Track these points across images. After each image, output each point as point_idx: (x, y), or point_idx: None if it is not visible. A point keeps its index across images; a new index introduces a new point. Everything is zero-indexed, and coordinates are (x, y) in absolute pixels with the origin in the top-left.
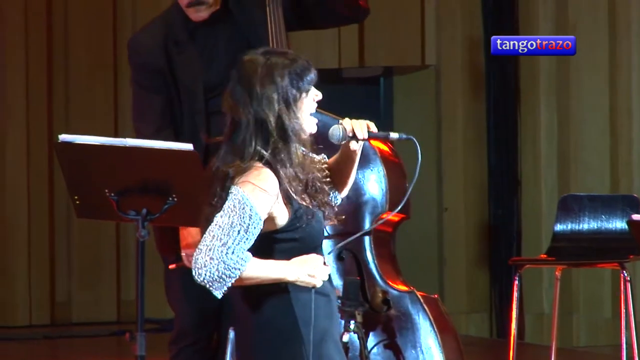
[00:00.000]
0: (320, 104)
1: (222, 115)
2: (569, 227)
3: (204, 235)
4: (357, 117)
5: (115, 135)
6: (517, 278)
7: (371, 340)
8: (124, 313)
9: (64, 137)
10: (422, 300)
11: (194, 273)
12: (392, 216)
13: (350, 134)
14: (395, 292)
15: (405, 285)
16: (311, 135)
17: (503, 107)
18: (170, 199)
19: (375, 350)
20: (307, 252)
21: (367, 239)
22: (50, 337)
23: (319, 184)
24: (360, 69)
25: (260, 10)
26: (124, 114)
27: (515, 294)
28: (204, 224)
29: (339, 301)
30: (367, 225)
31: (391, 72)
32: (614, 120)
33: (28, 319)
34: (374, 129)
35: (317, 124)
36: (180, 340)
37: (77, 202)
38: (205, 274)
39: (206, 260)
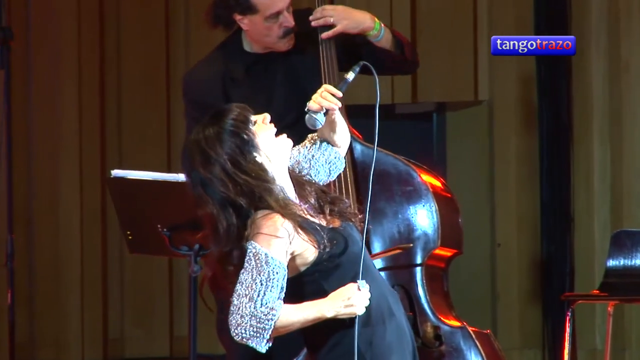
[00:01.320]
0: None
1: None
2: (622, 262)
3: (232, 298)
4: (410, 155)
5: (168, 171)
6: (569, 314)
7: None
8: (176, 349)
9: (116, 172)
10: (474, 336)
11: (232, 335)
12: (445, 251)
13: (324, 111)
14: (447, 327)
15: (458, 321)
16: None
17: (556, 144)
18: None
19: None
20: (353, 271)
21: (419, 274)
22: None
23: (332, 196)
24: (413, 104)
25: (314, 48)
26: (177, 149)
27: (567, 330)
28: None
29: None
30: (418, 259)
31: (444, 108)
32: None
33: (81, 356)
34: (334, 91)
35: (362, 159)
36: None
37: (130, 237)
38: (242, 333)
39: (238, 320)
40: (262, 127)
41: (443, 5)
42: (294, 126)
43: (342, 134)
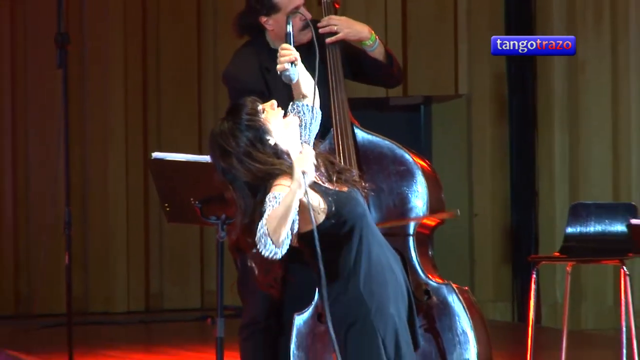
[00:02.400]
0: (372, 128)
1: None
2: (578, 229)
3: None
4: (402, 141)
5: (199, 153)
6: (534, 273)
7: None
8: (206, 301)
9: (156, 154)
10: (456, 291)
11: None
12: (430, 221)
13: (291, 65)
14: (434, 284)
15: (442, 279)
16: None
17: (523, 132)
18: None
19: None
20: (359, 223)
21: (411, 240)
22: (144, 322)
23: (339, 166)
24: (404, 98)
25: (322, 51)
26: (206, 136)
27: (533, 286)
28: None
29: None
30: (411, 229)
31: (430, 101)
32: (615, 142)
33: (127, 307)
34: (286, 46)
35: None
36: (252, 325)
37: (168, 209)
38: (260, 248)
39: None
40: (271, 112)
41: (429, 14)
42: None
43: (306, 80)
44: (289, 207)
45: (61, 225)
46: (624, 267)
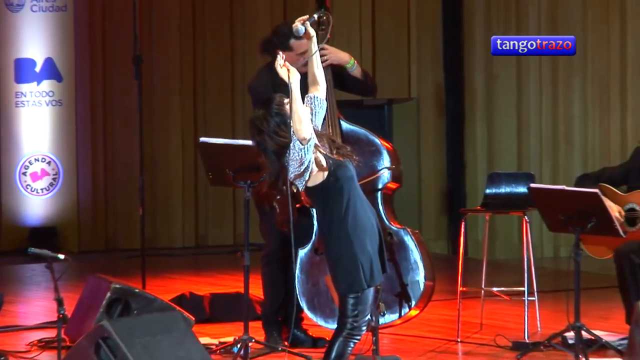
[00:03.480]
0: (351, 121)
1: None
2: (493, 191)
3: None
4: (373, 130)
5: (233, 137)
6: (463, 221)
7: None
8: (237, 240)
9: (203, 139)
10: (410, 233)
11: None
12: (393, 185)
13: (302, 26)
14: (395, 228)
15: (400, 225)
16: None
17: (455, 124)
18: (264, 175)
19: None
20: (349, 183)
21: (379, 197)
22: (195, 254)
23: (335, 140)
24: (374, 100)
25: None
26: (238, 126)
27: (462, 230)
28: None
29: None
30: (379, 188)
31: (392, 102)
32: (519, 130)
33: (182, 243)
34: (300, 18)
35: (346, 131)
36: (269, 256)
37: (210, 176)
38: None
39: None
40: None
41: (390, 41)
42: None
43: (320, 71)
44: (295, 97)
45: (136, 189)
46: (525, 216)
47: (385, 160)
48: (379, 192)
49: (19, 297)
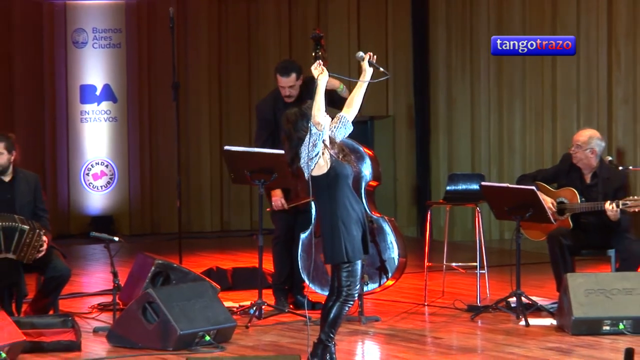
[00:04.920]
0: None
1: None
2: (453, 188)
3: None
4: (358, 140)
5: (249, 146)
6: (429, 211)
7: None
8: (253, 225)
9: (226, 147)
10: (387, 220)
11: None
12: (373, 182)
13: (365, 57)
14: (375, 216)
15: (380, 214)
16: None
17: (422, 134)
18: (274, 175)
19: None
20: (344, 179)
21: (363, 191)
22: (220, 237)
23: (345, 149)
24: (359, 116)
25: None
26: (251, 139)
27: (428, 218)
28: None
29: None
30: (363, 185)
31: (373, 118)
32: (472, 141)
33: (211, 228)
34: (370, 56)
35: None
36: (278, 238)
37: (232, 176)
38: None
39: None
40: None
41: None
42: None
43: (358, 99)
44: (319, 92)
45: (175, 187)
46: (477, 207)
47: (367, 164)
48: (364, 187)
49: (83, 271)
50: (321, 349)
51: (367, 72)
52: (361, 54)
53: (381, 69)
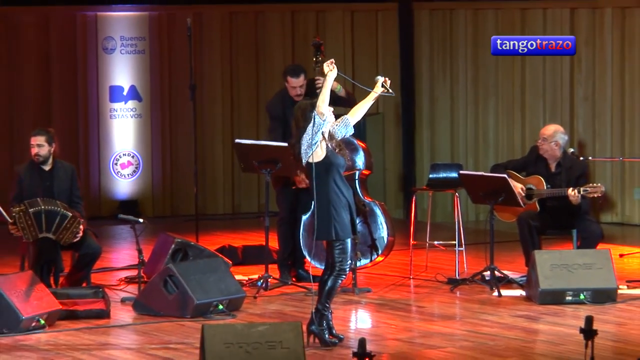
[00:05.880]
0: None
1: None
2: (435, 176)
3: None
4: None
5: (257, 139)
6: (414, 196)
7: (357, 220)
8: (260, 208)
9: (237, 140)
10: (378, 204)
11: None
12: (366, 171)
13: (382, 82)
14: (367, 201)
15: (371, 198)
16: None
17: (408, 129)
18: (278, 164)
19: (358, 226)
20: (336, 168)
21: (357, 179)
22: (231, 219)
23: (341, 145)
24: None
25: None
26: (260, 132)
27: (413, 202)
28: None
29: None
30: (357, 174)
31: (365, 116)
32: (452, 135)
33: (223, 211)
34: (386, 81)
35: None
36: (283, 220)
37: (242, 166)
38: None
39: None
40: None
41: (365, 73)
42: None
43: (365, 108)
44: (327, 85)
45: (192, 175)
46: (456, 193)
47: (360, 155)
48: (357, 176)
49: (112, 248)
50: (319, 316)
51: (378, 90)
52: (380, 78)
53: (389, 91)
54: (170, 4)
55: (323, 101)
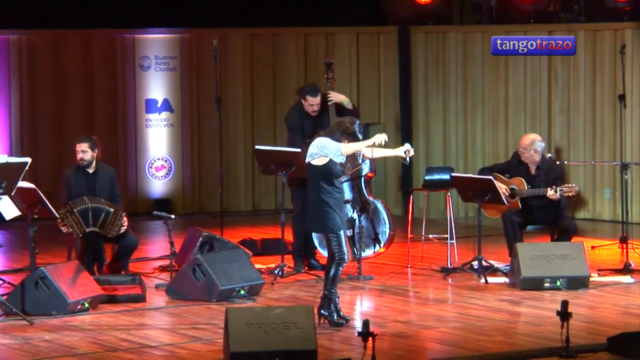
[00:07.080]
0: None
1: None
2: (430, 178)
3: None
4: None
5: (274, 145)
6: (412, 195)
7: (362, 217)
8: (277, 205)
9: (257, 146)
10: (381, 202)
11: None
12: (370, 174)
13: (405, 153)
14: (371, 199)
15: (375, 197)
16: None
17: (406, 134)
18: (293, 167)
19: (363, 221)
20: (333, 175)
21: (363, 180)
22: (251, 215)
23: (347, 166)
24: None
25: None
26: (278, 139)
27: (411, 200)
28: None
29: (351, 203)
30: (363, 174)
31: (369, 124)
32: (444, 141)
33: (244, 208)
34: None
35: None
36: (297, 216)
37: (261, 169)
38: (335, 156)
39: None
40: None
41: (368, 86)
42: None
43: (381, 152)
44: (357, 147)
45: (217, 175)
46: (449, 193)
47: (366, 160)
48: (363, 178)
49: (147, 240)
50: (327, 300)
51: (400, 152)
52: (409, 146)
53: (407, 159)
54: (199, 27)
55: (349, 150)
